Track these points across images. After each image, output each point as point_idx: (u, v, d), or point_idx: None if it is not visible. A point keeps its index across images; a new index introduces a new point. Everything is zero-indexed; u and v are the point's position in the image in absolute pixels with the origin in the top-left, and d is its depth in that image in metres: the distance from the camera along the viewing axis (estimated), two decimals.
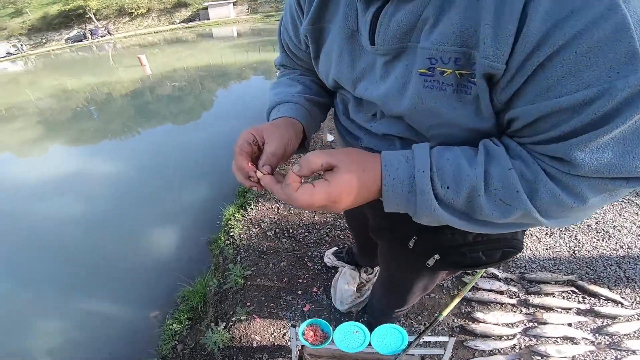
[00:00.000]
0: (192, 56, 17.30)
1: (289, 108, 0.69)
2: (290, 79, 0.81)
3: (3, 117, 10.47)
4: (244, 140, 0.56)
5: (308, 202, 0.46)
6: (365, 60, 0.57)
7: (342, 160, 0.48)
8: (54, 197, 4.54)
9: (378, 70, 0.55)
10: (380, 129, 0.64)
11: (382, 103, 0.56)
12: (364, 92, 0.60)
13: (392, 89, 0.52)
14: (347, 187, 0.47)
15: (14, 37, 35.40)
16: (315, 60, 0.71)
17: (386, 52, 0.51)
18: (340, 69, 0.62)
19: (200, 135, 6.22)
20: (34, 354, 2.39)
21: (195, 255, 2.95)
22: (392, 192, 0.49)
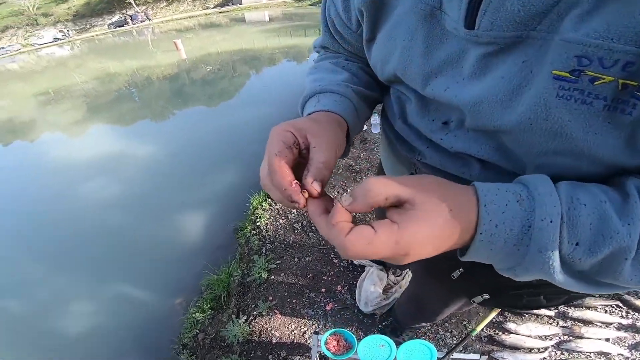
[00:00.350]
0: (225, 40, 17.49)
1: (332, 100, 0.53)
2: (333, 63, 0.64)
3: (52, 99, 11.24)
4: (281, 142, 0.39)
5: (364, 252, 0.32)
6: (449, 48, 0.42)
7: (418, 193, 0.33)
8: (93, 178, 4.79)
9: (469, 64, 0.40)
10: (454, 144, 0.48)
11: (471, 109, 0.41)
12: (440, 92, 0.44)
13: (495, 91, 0.37)
14: (425, 235, 0.32)
15: (60, 23, 37.60)
16: (368, 44, 0.55)
17: (492, 40, 0.36)
18: (408, 57, 0.47)
19: (232, 120, 6.30)
20: (67, 336, 2.54)
21: (221, 242, 2.99)
22: (490, 243, 0.33)
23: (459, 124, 0.47)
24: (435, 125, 0.50)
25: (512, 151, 0.41)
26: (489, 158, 0.44)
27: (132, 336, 2.35)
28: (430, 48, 0.44)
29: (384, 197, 0.33)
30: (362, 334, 1.74)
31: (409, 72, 0.48)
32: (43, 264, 3.28)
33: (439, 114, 0.50)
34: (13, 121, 9.37)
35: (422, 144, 0.54)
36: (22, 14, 38.26)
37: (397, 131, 0.59)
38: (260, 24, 22.70)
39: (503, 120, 0.38)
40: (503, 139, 0.41)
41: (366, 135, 3.40)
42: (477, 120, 0.41)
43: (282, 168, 0.37)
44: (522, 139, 0.38)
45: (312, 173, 0.38)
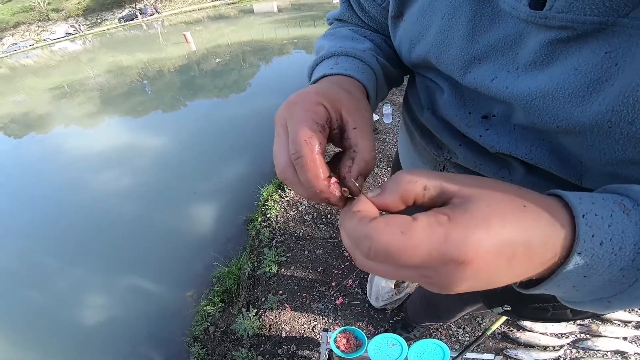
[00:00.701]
0: (234, 32, 17.43)
1: (354, 66, 0.42)
2: (353, 30, 0.54)
3: (66, 92, 11.44)
4: (313, 121, 0.29)
5: (394, 245, 0.21)
6: (501, 31, 0.35)
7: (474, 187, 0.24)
8: (106, 169, 4.87)
9: (529, 51, 0.33)
10: (496, 143, 0.40)
11: (527, 104, 0.34)
12: (485, 82, 0.37)
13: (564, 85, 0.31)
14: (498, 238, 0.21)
15: (71, 17, 38.08)
16: (394, 21, 0.47)
17: (567, 24, 0.29)
18: (446, 39, 0.40)
19: (242, 110, 6.32)
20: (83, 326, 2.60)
21: (231, 234, 3.01)
22: (588, 268, 0.24)
23: (503, 119, 0.40)
24: (474, 119, 0.43)
25: (573, 155, 0.35)
26: (539, 162, 0.37)
27: (145, 327, 2.40)
28: (476, 29, 0.37)
29: (422, 185, 0.25)
30: (372, 329, 1.72)
31: (446, 57, 0.41)
32: (58, 254, 3.37)
33: (477, 105, 0.42)
34: (29, 115, 9.60)
35: (454, 141, 0.46)
36: (33, 10, 38.90)
37: (423, 124, 0.51)
38: (268, 15, 22.52)
39: (571, 120, 0.31)
40: (564, 140, 0.34)
41: (378, 126, 3.34)
42: (534, 117, 0.34)
43: (316, 162, 0.28)
44: (593, 143, 0.31)
45: (359, 166, 0.30)
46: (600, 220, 0.23)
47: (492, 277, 0.22)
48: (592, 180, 0.35)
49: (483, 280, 0.22)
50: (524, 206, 0.23)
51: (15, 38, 36.92)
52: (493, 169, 0.43)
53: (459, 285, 0.22)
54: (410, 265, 0.22)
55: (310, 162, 0.28)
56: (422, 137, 0.53)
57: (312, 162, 0.28)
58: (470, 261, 0.20)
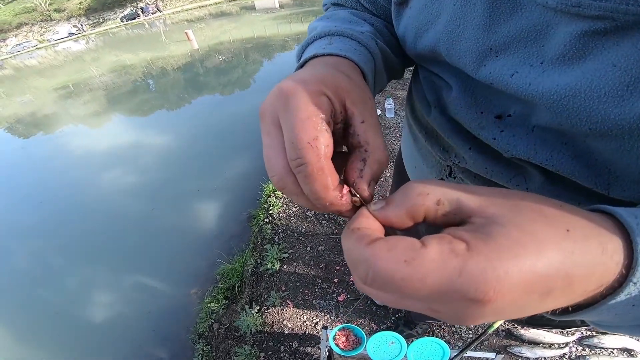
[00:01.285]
0: (236, 29, 17.39)
1: (352, 47, 0.38)
2: (352, 13, 0.48)
3: (72, 92, 11.54)
4: (318, 116, 0.24)
5: (396, 275, 0.18)
6: (524, 21, 0.31)
7: (500, 204, 0.20)
8: (112, 167, 4.92)
9: (558, 44, 0.29)
10: (512, 147, 0.36)
11: (555, 104, 0.30)
12: (503, 77, 0.33)
13: (600, 83, 0.27)
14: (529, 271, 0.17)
15: (73, 17, 38.27)
16: (398, 7, 0.43)
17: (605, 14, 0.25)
18: (458, 28, 0.36)
19: (245, 107, 6.33)
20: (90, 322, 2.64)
21: (235, 231, 3.03)
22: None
23: (521, 120, 0.35)
24: (486, 119, 0.38)
25: (601, 162, 0.31)
26: (561, 168, 0.33)
27: (151, 325, 2.43)
28: (494, 18, 0.33)
29: (435, 198, 0.21)
30: (374, 326, 1.72)
31: (458, 48, 0.36)
32: (64, 253, 3.42)
33: (490, 104, 0.38)
34: (36, 115, 9.71)
35: (462, 143, 0.42)
36: (35, 10, 39.13)
37: (428, 124, 0.47)
38: (270, 11, 22.41)
39: (608, 122, 0.28)
40: (594, 144, 0.30)
41: (379, 121, 3.31)
42: (562, 118, 0.30)
43: (325, 170, 0.23)
44: (630, 148, 0.28)
45: (372, 169, 0.26)
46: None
47: (518, 313, 0.19)
48: (621, 189, 0.31)
49: (506, 315, 0.19)
50: (567, 230, 0.18)
51: (19, 39, 37.24)
52: (506, 175, 0.39)
53: (475, 322, 0.19)
54: (415, 299, 0.18)
55: (317, 171, 0.23)
56: (426, 139, 0.48)
57: (319, 170, 0.23)
58: (490, 300, 0.17)
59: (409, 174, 0.64)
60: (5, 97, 14.53)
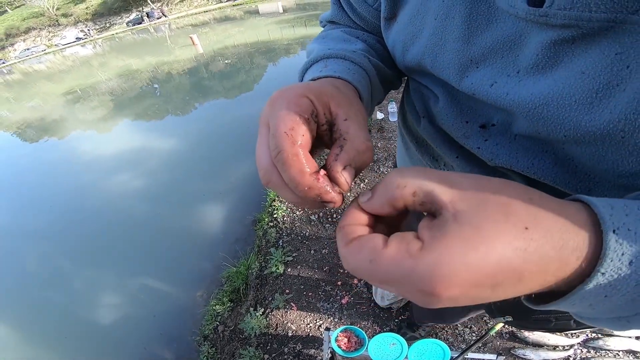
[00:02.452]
0: (240, 33, 17.52)
1: (345, 67, 0.40)
2: (345, 32, 0.51)
3: (80, 97, 11.70)
4: (295, 114, 0.26)
5: (365, 272, 0.22)
6: (499, 31, 0.32)
7: (467, 195, 0.21)
8: (119, 171, 4.99)
9: (530, 53, 0.30)
10: (496, 156, 0.37)
11: (530, 112, 0.31)
12: (483, 88, 0.34)
13: (570, 91, 0.28)
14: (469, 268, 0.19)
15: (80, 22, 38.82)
16: (387, 23, 0.44)
17: (571, 23, 0.26)
18: (440, 42, 0.37)
19: (250, 111, 6.37)
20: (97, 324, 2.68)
21: (240, 234, 3.06)
22: (611, 288, 0.21)
23: (503, 129, 0.36)
24: (471, 128, 0.39)
25: (580, 167, 0.32)
26: (542, 176, 0.34)
27: (157, 326, 2.47)
28: (472, 30, 0.34)
29: (411, 190, 0.22)
30: (377, 328, 1.74)
31: (441, 60, 0.38)
32: (72, 255, 3.47)
33: (474, 114, 0.39)
34: (45, 119, 9.85)
35: (450, 152, 0.43)
36: (43, 15, 39.72)
37: (418, 134, 0.48)
38: (274, 15, 22.56)
39: (580, 129, 0.28)
40: (571, 151, 0.31)
41: (383, 124, 3.34)
42: (539, 125, 0.31)
43: (299, 156, 0.25)
44: (604, 154, 0.29)
45: (348, 154, 0.27)
46: (633, 237, 0.20)
47: (473, 301, 0.20)
48: (602, 194, 0.32)
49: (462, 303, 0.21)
50: (525, 228, 0.19)
51: (27, 43, 37.80)
52: None
53: (437, 306, 0.21)
54: (386, 286, 0.22)
55: (292, 157, 0.25)
56: (417, 148, 0.50)
57: (294, 156, 0.25)
58: (439, 294, 0.19)
59: None
60: (14, 102, 14.76)
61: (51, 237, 3.88)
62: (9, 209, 4.75)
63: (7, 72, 27.93)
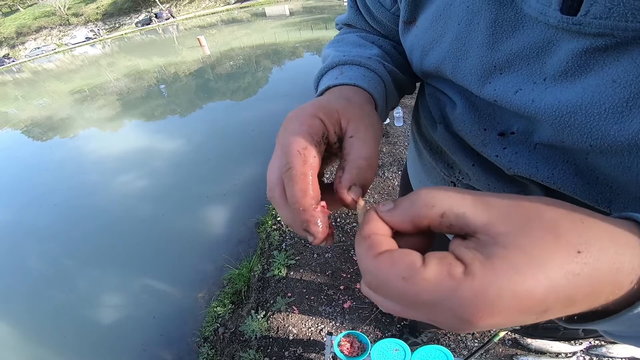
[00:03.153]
0: (247, 35, 17.65)
1: (360, 74, 0.40)
2: (360, 37, 0.51)
3: (87, 96, 11.84)
4: (308, 135, 0.27)
5: (394, 289, 0.19)
6: (526, 38, 0.32)
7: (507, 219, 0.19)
8: (124, 171, 5.03)
9: (559, 61, 0.30)
10: (514, 164, 0.36)
11: (557, 120, 0.30)
12: (507, 94, 0.34)
13: (600, 99, 0.28)
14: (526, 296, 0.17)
15: (90, 22, 39.36)
16: (406, 27, 0.44)
17: (605, 31, 0.26)
18: (463, 47, 0.36)
19: (255, 113, 6.41)
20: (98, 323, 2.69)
21: (242, 237, 3.07)
22: None
23: (524, 137, 0.36)
24: (489, 136, 0.38)
25: (602, 179, 0.32)
26: (562, 186, 0.33)
27: (157, 326, 2.47)
28: (497, 36, 0.33)
29: (440, 211, 0.21)
30: (379, 333, 1.73)
31: (462, 66, 0.37)
32: (75, 255, 3.50)
33: (493, 121, 0.38)
34: (53, 118, 9.97)
35: (466, 160, 0.42)
36: (54, 14, 40.30)
37: (433, 140, 0.47)
38: (281, 18, 22.71)
39: (607, 138, 0.28)
40: (595, 161, 0.31)
41: (388, 129, 3.34)
42: (564, 134, 0.31)
43: (307, 177, 0.26)
44: (630, 165, 0.28)
45: (350, 174, 0.27)
46: None
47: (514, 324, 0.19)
48: (623, 206, 0.31)
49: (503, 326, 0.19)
50: (577, 252, 0.18)
51: (38, 42, 38.33)
52: (508, 192, 0.38)
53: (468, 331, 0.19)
54: (413, 310, 0.20)
55: (300, 175, 0.25)
56: (431, 155, 0.49)
57: (302, 174, 0.25)
58: (480, 321, 0.18)
59: (413, 188, 0.65)
60: (22, 100, 14.97)
61: (54, 234, 3.91)
62: (13, 206, 4.80)
63: (17, 70, 28.31)
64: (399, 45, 0.52)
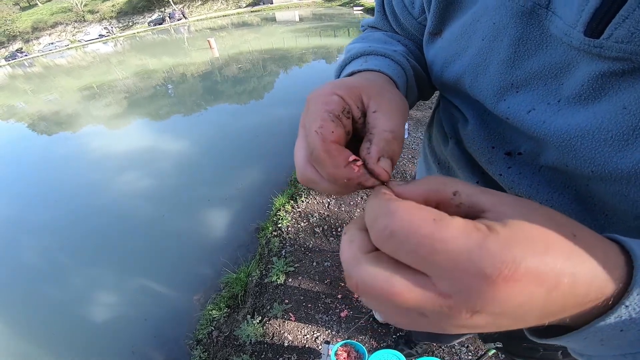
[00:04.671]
0: (256, 39, 17.83)
1: (385, 63, 0.40)
2: (386, 34, 0.52)
3: (96, 93, 11.98)
4: (325, 112, 0.27)
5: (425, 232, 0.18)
6: (547, 58, 0.31)
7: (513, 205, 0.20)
8: (127, 170, 5.06)
9: (576, 83, 0.30)
10: (516, 184, 0.37)
11: (563, 144, 0.30)
12: (520, 113, 0.34)
13: (608, 125, 0.28)
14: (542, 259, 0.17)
15: (105, 20, 39.94)
16: (431, 37, 0.44)
17: (625, 55, 0.26)
18: (484, 62, 0.36)
19: (260, 118, 6.44)
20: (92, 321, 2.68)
21: (242, 241, 3.07)
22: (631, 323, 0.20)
23: (530, 158, 0.36)
24: (496, 154, 0.38)
25: (599, 206, 0.32)
26: (559, 210, 0.33)
27: (151, 327, 2.47)
28: (519, 54, 0.33)
29: (453, 189, 0.21)
30: (375, 343, 1.72)
31: (480, 81, 0.37)
32: (73, 251, 3.51)
33: (502, 140, 0.38)
34: (60, 114, 10.10)
35: (471, 177, 0.42)
36: (71, 10, 40.93)
37: (443, 155, 0.48)
38: (290, 24, 22.95)
39: (609, 166, 0.28)
40: (595, 188, 0.31)
41: None
42: (568, 158, 0.31)
43: (332, 151, 0.25)
44: (627, 194, 0.28)
45: (378, 146, 0.26)
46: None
47: (521, 309, 0.18)
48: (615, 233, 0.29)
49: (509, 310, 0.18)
50: (573, 235, 0.19)
51: (52, 38, 38.92)
52: None
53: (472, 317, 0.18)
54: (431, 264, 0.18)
55: (324, 153, 0.25)
56: (438, 170, 0.50)
57: (326, 152, 0.25)
58: (503, 281, 0.16)
59: None
60: (31, 94, 15.16)
61: (53, 231, 3.92)
62: (13, 200, 4.83)
63: (29, 65, 28.73)
64: (421, 49, 0.51)
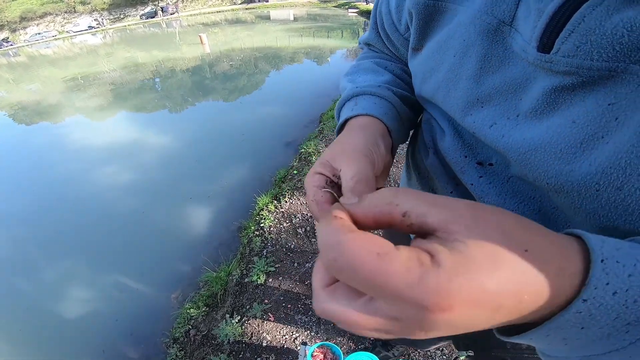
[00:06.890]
0: (249, 37, 17.73)
1: (371, 103, 0.45)
2: (375, 62, 0.56)
3: (80, 84, 11.67)
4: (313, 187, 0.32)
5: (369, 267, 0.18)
6: (508, 73, 0.33)
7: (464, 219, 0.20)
8: (108, 163, 4.93)
9: (532, 98, 0.31)
10: (485, 194, 0.38)
11: (519, 157, 0.31)
12: (483, 128, 0.35)
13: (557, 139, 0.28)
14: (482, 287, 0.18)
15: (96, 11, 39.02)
16: (413, 53, 0.47)
17: (572, 69, 0.26)
18: (454, 78, 0.39)
19: (248, 116, 6.37)
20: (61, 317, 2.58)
21: (223, 240, 3.02)
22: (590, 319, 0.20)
23: (500, 169, 0.37)
24: (468, 164, 0.39)
25: (561, 217, 0.33)
26: (529, 215, 0.35)
27: (125, 324, 2.40)
28: (484, 70, 0.35)
29: (402, 210, 0.21)
30: (352, 345, 1.71)
31: (451, 96, 0.39)
32: (48, 244, 3.39)
33: (474, 150, 0.39)
34: (41, 103, 9.81)
35: (447, 187, 0.44)
36: (62, 1, 39.82)
37: (424, 165, 0.50)
38: (284, 23, 22.90)
39: (559, 178, 0.29)
40: (555, 200, 0.32)
41: None
42: (526, 172, 0.32)
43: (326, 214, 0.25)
44: (579, 206, 0.29)
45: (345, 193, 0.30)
46: (621, 269, 0.20)
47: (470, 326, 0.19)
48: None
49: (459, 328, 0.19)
50: (525, 250, 0.19)
51: (40, 28, 37.75)
52: None
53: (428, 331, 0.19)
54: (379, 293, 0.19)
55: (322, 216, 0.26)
56: (418, 179, 0.52)
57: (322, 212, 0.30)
58: (441, 311, 0.18)
59: None
60: (13, 83, 14.68)
61: (22, 221, 3.77)
62: None
63: (13, 54, 27.84)
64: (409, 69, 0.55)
